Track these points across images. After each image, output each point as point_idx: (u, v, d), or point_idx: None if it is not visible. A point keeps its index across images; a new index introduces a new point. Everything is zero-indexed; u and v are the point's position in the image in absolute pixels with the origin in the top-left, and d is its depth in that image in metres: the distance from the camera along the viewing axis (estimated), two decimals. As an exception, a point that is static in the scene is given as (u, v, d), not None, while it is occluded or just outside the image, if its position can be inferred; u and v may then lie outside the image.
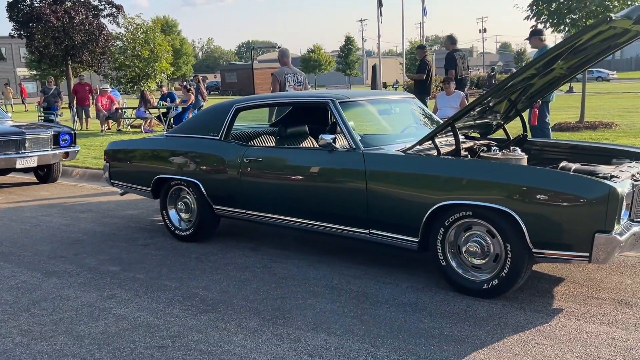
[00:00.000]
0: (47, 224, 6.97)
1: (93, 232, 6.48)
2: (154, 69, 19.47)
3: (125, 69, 19.31)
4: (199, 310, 4.11)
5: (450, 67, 10.45)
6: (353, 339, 3.60)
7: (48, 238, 6.28)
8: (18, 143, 9.15)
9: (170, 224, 6.02)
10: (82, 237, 6.27)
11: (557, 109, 18.14)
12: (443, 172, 4.26)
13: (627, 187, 3.79)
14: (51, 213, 7.63)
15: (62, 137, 9.71)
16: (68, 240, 6.16)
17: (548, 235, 3.84)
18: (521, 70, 4.13)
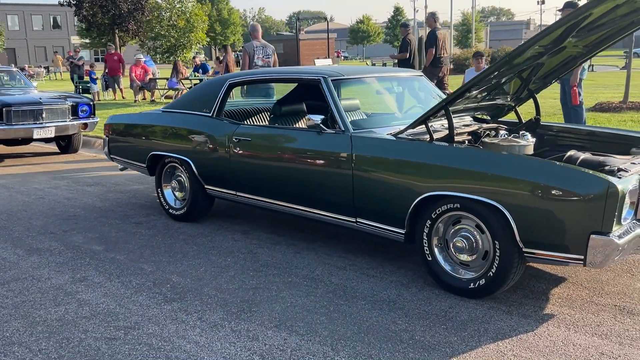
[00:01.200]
0: (51, 197, 6.90)
1: (92, 207, 6.37)
2: (190, 39, 19.33)
3: (161, 39, 19.22)
4: (165, 299, 3.91)
5: (431, 45, 10.33)
6: (314, 339, 3.33)
7: (46, 212, 6.20)
8: (35, 113, 9.13)
9: (165, 202, 5.85)
10: (79, 213, 6.16)
11: (601, 87, 17.25)
12: (429, 160, 3.91)
13: (632, 184, 3.37)
14: (59, 185, 7.58)
15: (81, 108, 9.66)
16: (64, 215, 6.06)
17: (539, 234, 3.47)
18: (520, 49, 3.70)
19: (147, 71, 17.66)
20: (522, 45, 3.67)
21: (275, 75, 5.32)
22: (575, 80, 7.74)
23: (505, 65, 3.79)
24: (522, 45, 3.67)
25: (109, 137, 6.38)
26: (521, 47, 3.67)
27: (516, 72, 4.26)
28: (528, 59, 4.08)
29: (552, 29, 3.56)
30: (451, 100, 4.00)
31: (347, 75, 4.82)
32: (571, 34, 3.85)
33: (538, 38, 3.63)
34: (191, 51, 19.72)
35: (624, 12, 3.87)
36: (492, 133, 4.78)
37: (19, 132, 9.03)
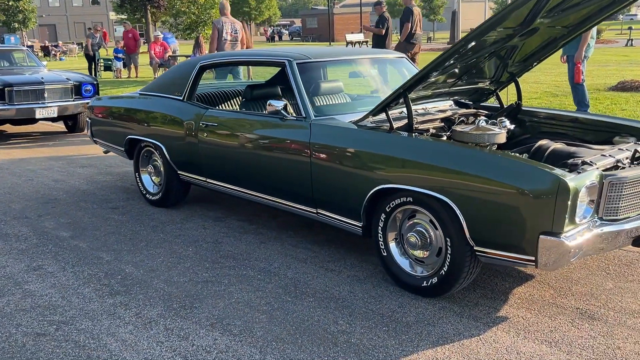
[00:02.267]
0: (40, 179, 6.89)
1: (75, 190, 6.33)
2: (210, 16, 19.14)
3: (182, 16, 19.11)
4: (110, 292, 3.81)
5: (407, 20, 10.34)
6: (246, 340, 3.18)
7: (29, 195, 6.18)
8: (37, 93, 9.14)
9: (142, 187, 5.76)
10: (60, 196, 6.12)
11: (634, 63, 16.52)
12: (382, 151, 3.69)
13: (591, 180, 3.09)
14: (53, 167, 7.57)
15: (85, 88, 9.63)
16: (45, 199, 6.03)
17: (490, 232, 3.24)
18: (477, 32, 3.42)
19: (166, 48, 17.60)
20: (479, 28, 3.39)
21: (245, 57, 5.12)
22: (579, 57, 7.36)
23: (462, 48, 3.51)
24: (479, 28, 3.39)
25: (92, 119, 6.30)
26: (478, 30, 3.39)
27: (485, 55, 3.98)
28: (496, 41, 3.80)
29: (512, 10, 3.27)
30: (410, 86, 3.75)
31: (316, 57, 4.59)
32: (538, 14, 3.56)
33: (496, 20, 3.34)
34: (210, 28, 19.54)
35: None
36: (469, 119, 4.52)
37: (21, 111, 9.05)
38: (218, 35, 9.61)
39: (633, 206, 3.32)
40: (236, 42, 9.71)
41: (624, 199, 3.25)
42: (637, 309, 3.43)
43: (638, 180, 3.27)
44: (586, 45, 7.54)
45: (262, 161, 4.46)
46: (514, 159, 3.23)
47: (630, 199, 3.28)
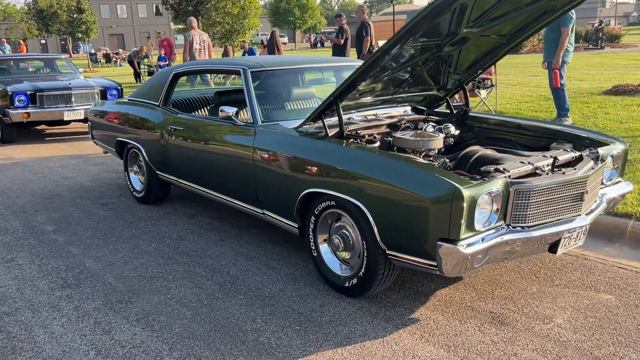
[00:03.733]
0: (53, 176, 6.96)
1: (78, 187, 6.36)
2: (243, 25, 19.16)
3: (217, 26, 19.18)
4: (63, 285, 3.77)
5: (366, 34, 10.27)
6: (162, 336, 3.08)
7: (35, 191, 6.24)
8: (65, 97, 9.26)
9: (130, 185, 5.73)
10: (63, 192, 6.16)
11: (634, 68, 15.73)
12: (308, 156, 3.53)
13: (491, 188, 2.86)
14: (69, 165, 7.65)
15: (110, 92, 9.71)
16: (48, 195, 6.07)
17: (398, 237, 3.05)
18: (392, 42, 3.20)
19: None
20: (393, 38, 3.19)
21: (211, 66, 5.00)
22: (557, 63, 6.99)
23: (380, 59, 3.31)
24: (393, 37, 3.19)
25: (91, 122, 6.32)
26: (391, 42, 3.19)
27: (419, 64, 3.76)
28: (424, 50, 3.58)
29: (415, 22, 3.06)
30: (340, 94, 3.56)
31: (270, 66, 4.45)
32: (460, 25, 3.34)
33: (407, 32, 3.13)
34: (246, 36, 19.57)
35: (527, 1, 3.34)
36: (418, 125, 4.31)
37: (51, 114, 9.19)
38: (189, 46, 11.06)
39: (545, 213, 3.07)
40: (204, 50, 11.20)
41: (532, 207, 3.01)
42: (550, 314, 3.18)
43: (547, 189, 3.02)
44: (563, 51, 7.16)
45: (218, 163, 4.36)
46: (416, 166, 3.02)
47: (540, 206, 3.03)
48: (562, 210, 3.14)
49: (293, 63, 4.65)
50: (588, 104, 9.10)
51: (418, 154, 3.79)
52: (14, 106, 8.92)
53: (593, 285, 3.53)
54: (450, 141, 4.26)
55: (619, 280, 3.60)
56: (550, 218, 3.10)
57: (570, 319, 3.12)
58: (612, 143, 3.78)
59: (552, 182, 3.03)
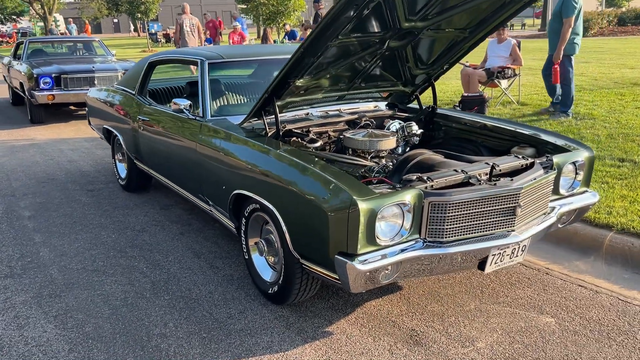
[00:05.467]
0: (59, 159, 7.13)
1: (75, 172, 6.48)
2: (288, 7, 18.99)
3: (262, 7, 19.09)
4: (8, 274, 3.82)
5: None
6: (68, 337, 3.05)
7: (35, 174, 6.41)
8: (89, 80, 9.45)
9: (117, 172, 5.78)
10: (58, 176, 6.29)
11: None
12: (239, 156, 3.39)
13: (397, 199, 2.64)
14: (80, 148, 7.82)
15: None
16: (44, 178, 6.22)
17: (307, 246, 2.88)
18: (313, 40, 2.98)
19: (244, 38, 17.67)
20: (310, 35, 2.98)
21: (178, 55, 4.88)
22: (557, 57, 6.48)
23: (305, 56, 3.10)
24: (310, 35, 2.98)
25: (88, 107, 6.40)
26: (309, 39, 2.98)
27: (366, 59, 3.52)
28: (366, 46, 3.35)
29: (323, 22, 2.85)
30: (274, 90, 3.38)
31: (230, 57, 4.31)
32: (398, 19, 3.11)
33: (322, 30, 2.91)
34: (290, 18, 19.39)
35: None
36: (372, 123, 4.09)
37: (74, 96, 9.40)
38: (180, 29, 12.73)
39: (467, 228, 2.82)
40: (193, 32, 12.75)
41: (449, 221, 2.76)
42: (475, 335, 2.94)
43: (468, 202, 2.76)
44: (565, 44, 6.63)
45: (173, 156, 4.29)
46: (321, 172, 2.82)
47: (461, 221, 2.78)
48: (490, 225, 2.87)
49: (256, 54, 4.49)
50: (623, 95, 8.44)
51: (367, 155, 3.59)
52: (39, 88, 9.19)
53: (539, 305, 3.24)
54: (414, 140, 4.02)
55: (571, 301, 3.29)
56: (475, 233, 2.84)
57: (493, 343, 2.87)
58: (576, 150, 3.44)
59: (474, 195, 2.77)
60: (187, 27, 12.62)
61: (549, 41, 6.98)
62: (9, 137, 8.69)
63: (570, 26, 6.58)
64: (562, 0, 6.68)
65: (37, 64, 9.85)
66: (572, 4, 6.57)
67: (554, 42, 6.77)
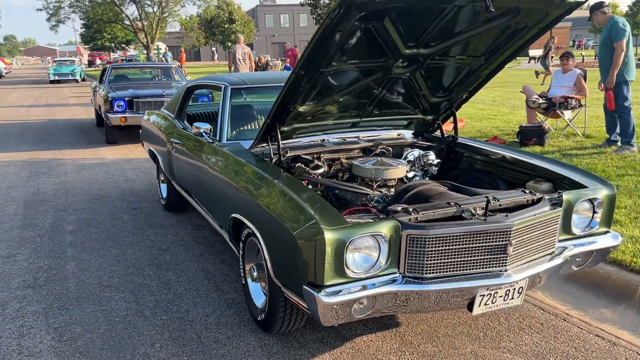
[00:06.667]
0: (119, 177, 7.47)
1: (127, 190, 6.76)
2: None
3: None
4: (31, 284, 4.01)
5: None
6: (59, 349, 3.13)
7: (91, 191, 6.74)
8: (158, 104, 9.90)
9: (160, 192, 5.97)
10: (111, 194, 6.58)
11: None
12: (234, 180, 3.39)
13: (369, 231, 2.52)
14: (141, 167, 8.16)
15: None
16: (98, 195, 6.53)
17: (284, 273, 2.81)
18: (301, 66, 2.93)
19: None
20: (299, 62, 2.94)
21: (208, 81, 4.99)
22: (610, 83, 6.03)
23: (297, 81, 3.06)
24: (298, 61, 2.94)
25: (141, 129, 6.68)
26: (298, 65, 2.94)
27: (362, 87, 3.43)
28: (369, 72, 3.28)
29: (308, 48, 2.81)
30: (275, 117, 3.37)
31: (252, 83, 4.36)
32: (396, 46, 3.02)
33: (315, 53, 2.87)
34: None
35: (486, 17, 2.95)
36: (388, 151, 3.98)
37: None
38: (233, 57, 13.77)
39: (451, 265, 2.64)
40: (245, 60, 13.72)
41: (430, 256, 2.60)
42: (460, 383, 2.73)
43: (450, 237, 2.59)
44: (617, 69, 6.16)
45: (194, 176, 4.36)
46: (303, 200, 2.74)
47: (443, 256, 2.61)
48: (478, 264, 2.67)
49: (278, 80, 4.51)
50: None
51: (374, 183, 3.49)
52: (113, 111, 9.74)
53: (542, 354, 2.97)
54: (432, 170, 3.87)
55: (582, 352, 2.98)
56: (460, 271, 2.65)
57: (478, 392, 2.65)
58: (595, 187, 3.15)
59: (457, 230, 2.59)
60: (239, 55, 13.73)
61: (600, 70, 6.56)
62: (82, 156, 9.23)
63: (622, 50, 6.15)
64: (609, 26, 6.28)
65: (114, 88, 10.47)
66: (620, 27, 6.19)
67: (605, 69, 6.35)
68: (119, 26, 47.69)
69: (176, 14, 44.23)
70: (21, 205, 6.11)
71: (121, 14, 42.54)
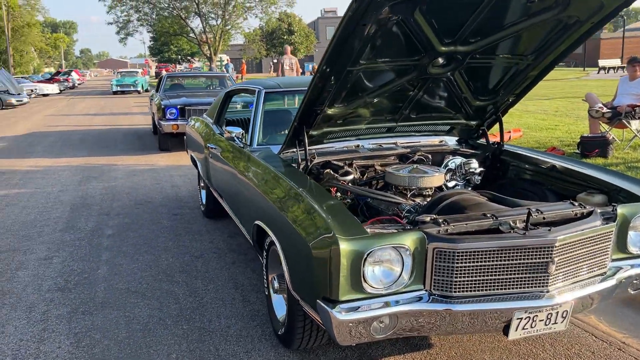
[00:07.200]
0: (165, 184, 7.49)
1: (172, 196, 6.75)
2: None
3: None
4: (61, 287, 3.98)
5: None
6: (75, 355, 3.04)
7: (137, 197, 6.76)
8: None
9: (200, 198, 5.91)
10: (155, 199, 6.58)
11: None
12: (257, 185, 3.22)
13: (389, 242, 2.29)
14: (188, 174, 8.16)
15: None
16: (142, 200, 6.54)
17: (302, 286, 2.60)
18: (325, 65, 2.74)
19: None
20: (322, 60, 2.74)
21: (245, 86, 4.86)
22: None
23: (320, 81, 2.86)
24: (322, 60, 2.74)
25: (186, 136, 6.66)
26: (322, 64, 2.75)
27: (394, 89, 3.19)
28: (402, 73, 3.05)
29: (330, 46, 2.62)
30: (302, 120, 3.19)
31: (287, 87, 4.21)
32: (431, 43, 2.79)
33: (339, 50, 2.67)
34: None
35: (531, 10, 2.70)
36: (426, 158, 3.73)
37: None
38: (281, 66, 13.84)
39: (485, 283, 2.37)
40: (292, 70, 13.77)
41: (459, 273, 2.33)
42: (493, 415, 2.43)
43: (482, 252, 2.32)
44: None
45: (226, 181, 4.24)
46: (321, 208, 2.53)
47: (474, 273, 2.34)
48: (515, 283, 2.38)
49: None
50: None
51: (408, 192, 3.25)
52: (165, 118, 9.85)
53: (591, 387, 2.63)
54: (475, 179, 3.59)
55: (638, 387, 2.62)
56: (494, 290, 2.37)
57: None
58: (657, 200, 2.79)
59: (490, 244, 2.32)
60: (287, 65, 13.89)
61: None
62: (135, 162, 9.36)
63: None
64: None
65: (168, 96, 10.61)
66: None
67: None
68: (185, 39, 49.09)
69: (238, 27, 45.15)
70: (67, 209, 6.19)
71: (186, 26, 43.78)
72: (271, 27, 48.20)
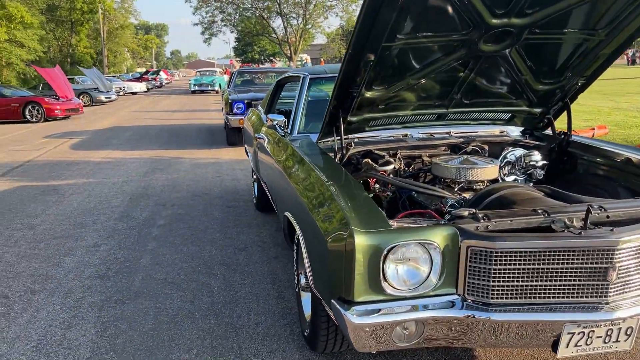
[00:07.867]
0: (227, 177, 7.44)
1: (230, 189, 6.67)
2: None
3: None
4: (101, 275, 3.93)
5: None
6: (98, 344, 2.94)
7: (196, 189, 6.74)
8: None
9: (253, 190, 5.77)
10: (212, 191, 6.53)
11: None
12: (288, 174, 2.99)
13: (415, 238, 1.98)
14: (249, 168, 8.06)
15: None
16: (200, 192, 6.50)
17: (322, 283, 2.34)
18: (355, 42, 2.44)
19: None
20: (351, 38, 2.46)
21: (293, 73, 4.62)
22: None
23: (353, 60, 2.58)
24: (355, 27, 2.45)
25: (243, 129, 6.55)
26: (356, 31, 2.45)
27: (441, 69, 2.85)
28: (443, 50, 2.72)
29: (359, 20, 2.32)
30: (337, 105, 2.91)
31: (333, 72, 3.95)
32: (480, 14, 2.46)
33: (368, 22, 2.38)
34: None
35: None
36: (482, 150, 3.36)
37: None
38: None
39: (529, 290, 2.01)
40: None
41: (498, 276, 1.99)
42: None
43: (528, 254, 1.96)
44: None
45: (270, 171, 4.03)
46: (344, 199, 2.25)
47: (518, 277, 1.99)
48: (567, 291, 2.01)
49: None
50: None
51: (456, 185, 2.92)
52: (232, 113, 9.84)
53: (663, 420, 2.19)
54: (537, 173, 3.20)
55: None
56: (541, 299, 2.01)
57: None
58: None
59: (536, 244, 1.96)
60: None
61: None
62: (202, 155, 9.41)
63: None
64: None
65: (237, 91, 10.61)
66: None
67: None
68: (267, 39, 49.92)
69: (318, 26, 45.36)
70: (127, 199, 6.23)
71: (268, 26, 44.47)
72: (352, 25, 48.03)
